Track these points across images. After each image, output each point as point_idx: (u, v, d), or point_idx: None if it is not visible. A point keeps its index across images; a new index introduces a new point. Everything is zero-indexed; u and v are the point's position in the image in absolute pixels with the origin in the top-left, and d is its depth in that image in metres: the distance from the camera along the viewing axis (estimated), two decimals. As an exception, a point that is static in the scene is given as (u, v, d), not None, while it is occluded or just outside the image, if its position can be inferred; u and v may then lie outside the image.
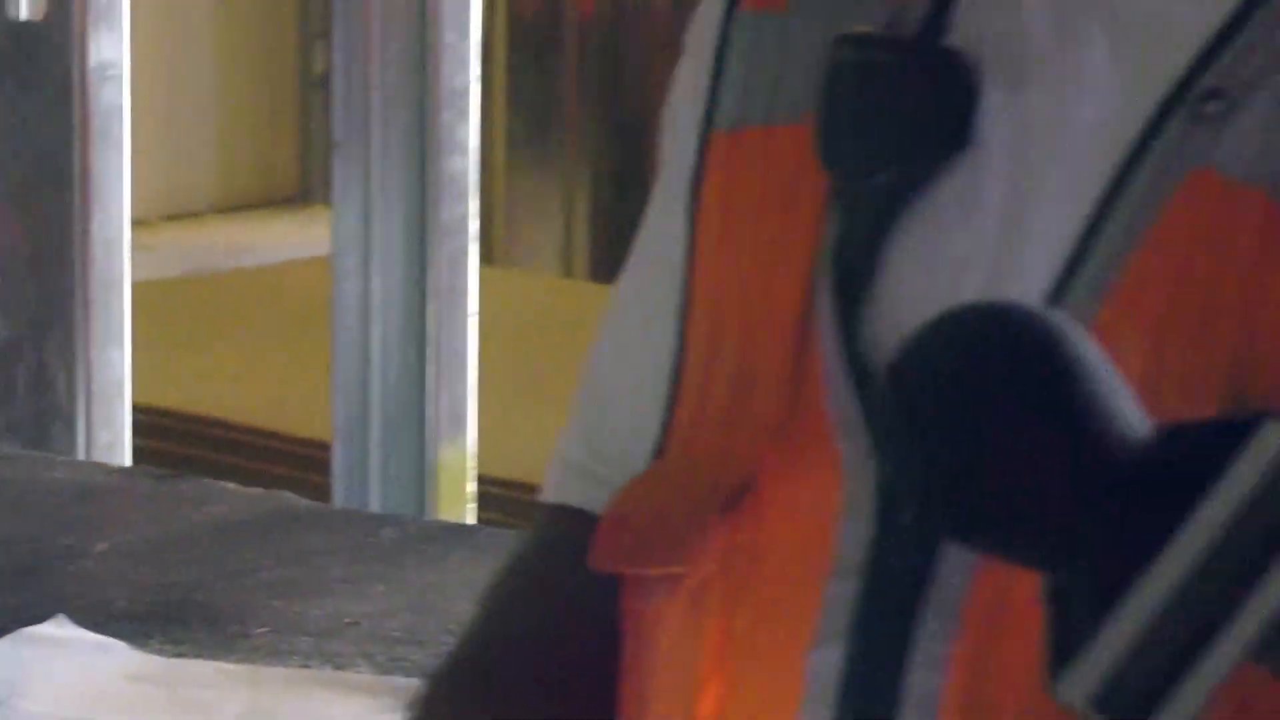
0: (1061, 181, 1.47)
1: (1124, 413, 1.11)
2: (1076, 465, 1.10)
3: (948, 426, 1.13)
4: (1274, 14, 1.44)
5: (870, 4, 1.53)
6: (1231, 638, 1.08)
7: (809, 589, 1.47)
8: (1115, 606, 1.08)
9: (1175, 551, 1.08)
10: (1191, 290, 1.41)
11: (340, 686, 2.02)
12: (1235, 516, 1.08)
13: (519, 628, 1.65)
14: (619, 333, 1.67)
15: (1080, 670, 1.08)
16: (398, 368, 3.14)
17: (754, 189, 1.55)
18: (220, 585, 2.21)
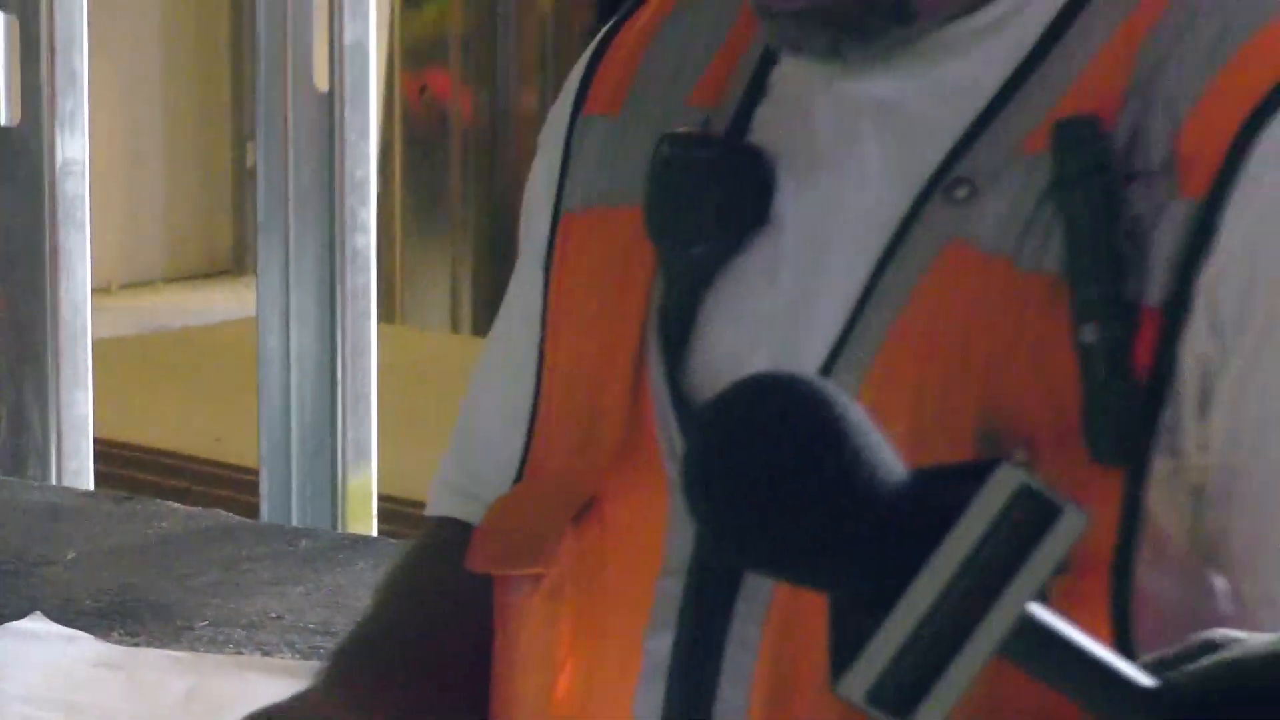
0: (844, 253, 1.46)
1: (884, 462, 1.10)
2: (842, 508, 1.09)
3: (736, 482, 1.11)
4: (1008, 118, 1.45)
5: (686, 109, 1.54)
6: (978, 642, 1.08)
7: (644, 585, 1.47)
8: (881, 619, 1.08)
9: (930, 572, 1.07)
10: (949, 340, 1.41)
11: (267, 670, 2.01)
12: (978, 542, 1.08)
13: (407, 614, 1.64)
14: (488, 379, 1.67)
15: (856, 671, 1.07)
16: (313, 408, 3.12)
17: (596, 260, 1.54)
18: (168, 587, 2.20)
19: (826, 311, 1.45)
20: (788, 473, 1.10)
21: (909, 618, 1.07)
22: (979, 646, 1.08)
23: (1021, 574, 1.08)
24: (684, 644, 1.45)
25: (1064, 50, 1.45)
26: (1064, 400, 1.39)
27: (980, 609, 1.08)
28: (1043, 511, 1.08)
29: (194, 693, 1.92)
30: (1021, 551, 1.08)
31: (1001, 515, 1.08)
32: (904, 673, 1.08)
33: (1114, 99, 1.41)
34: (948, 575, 1.07)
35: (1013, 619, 1.07)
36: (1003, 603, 1.08)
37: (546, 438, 1.54)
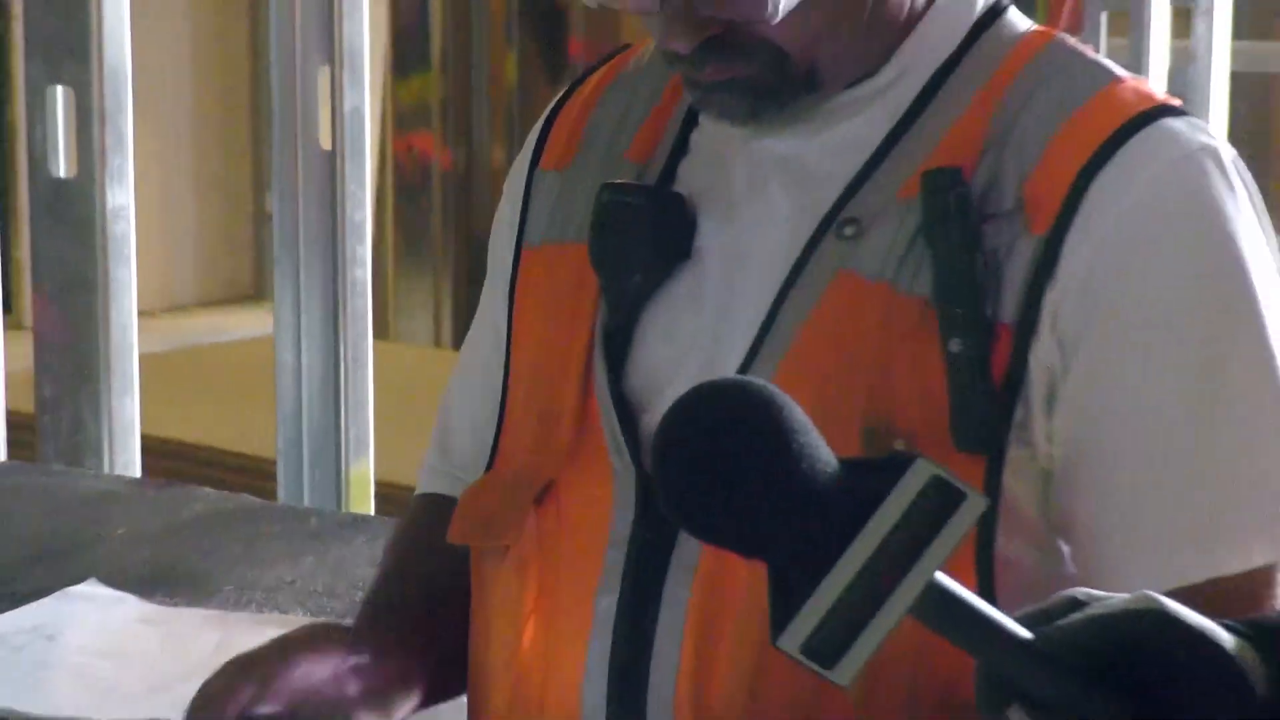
0: (754, 282, 1.46)
1: (820, 455, 1.10)
2: (786, 492, 1.09)
3: (698, 470, 1.11)
4: (888, 169, 1.45)
5: (623, 163, 1.53)
6: (894, 605, 1.08)
7: (593, 555, 1.46)
8: (815, 585, 1.08)
9: (856, 546, 1.07)
10: (837, 360, 1.41)
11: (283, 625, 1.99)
12: (897, 522, 1.08)
13: (412, 566, 1.63)
14: (461, 384, 1.67)
15: (792, 628, 1.07)
16: (320, 409, 3.10)
17: (550, 287, 1.54)
18: (200, 558, 2.18)
19: (740, 330, 1.45)
20: (742, 462, 1.10)
21: (838, 584, 1.07)
22: (894, 608, 1.08)
23: (932, 548, 1.08)
24: (626, 603, 1.45)
25: (933, 113, 1.45)
26: (935, 401, 1.38)
27: (896, 577, 1.07)
28: (950, 497, 1.08)
29: (222, 644, 1.91)
30: (932, 529, 1.08)
31: (917, 500, 1.08)
32: (832, 630, 1.07)
33: (973, 153, 1.42)
34: (871, 549, 1.07)
35: (923, 585, 1.07)
36: (915, 572, 1.07)
37: (512, 435, 1.53)
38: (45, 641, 1.86)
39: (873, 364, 1.40)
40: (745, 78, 1.43)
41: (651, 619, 1.44)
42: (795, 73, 1.43)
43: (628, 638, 1.44)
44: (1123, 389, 1.39)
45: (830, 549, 1.07)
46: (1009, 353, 1.38)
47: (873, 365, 1.40)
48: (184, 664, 1.85)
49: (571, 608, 1.47)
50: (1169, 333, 1.39)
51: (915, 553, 1.08)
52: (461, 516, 1.55)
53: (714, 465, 1.11)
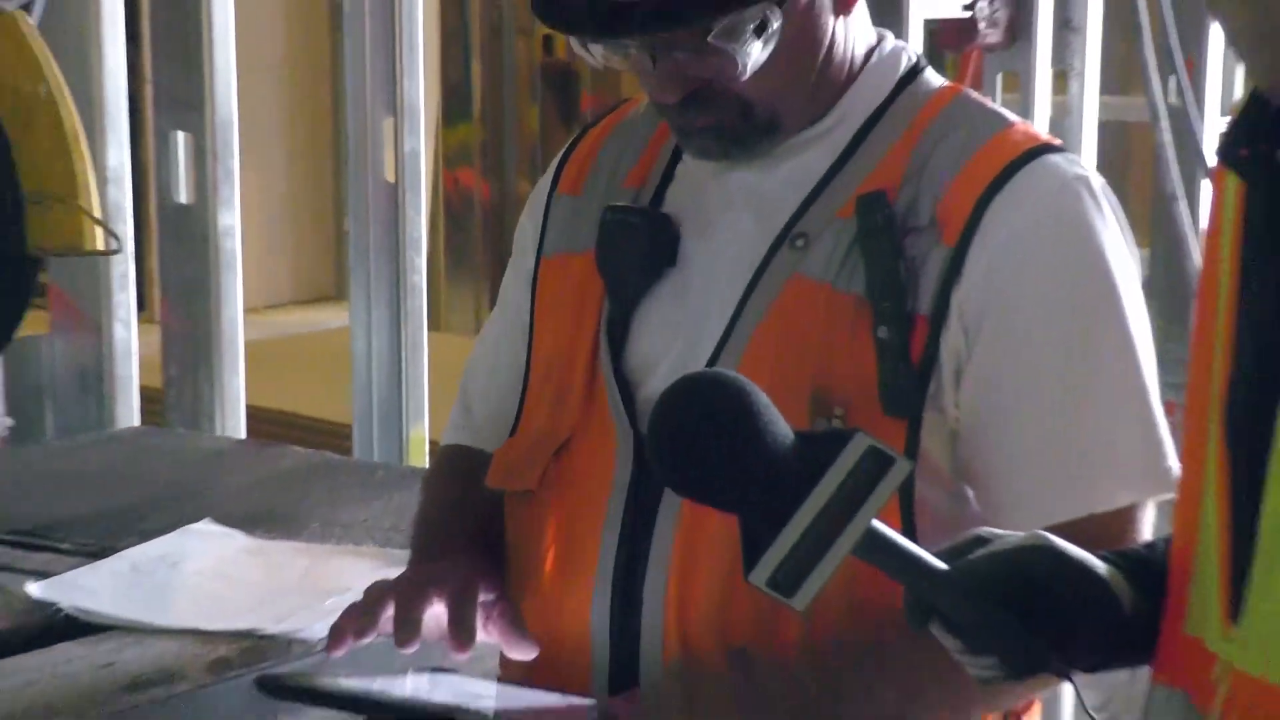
0: (725, 284, 1.45)
1: (780, 430, 1.10)
2: (754, 459, 1.09)
3: (673, 441, 1.12)
4: (830, 194, 1.44)
5: (622, 190, 1.52)
6: (839, 546, 1.08)
7: (599, 500, 1.45)
8: (778, 533, 1.08)
9: (810, 502, 1.08)
10: (791, 343, 1.40)
11: (356, 555, 1.99)
12: (841, 483, 1.08)
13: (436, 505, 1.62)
14: (480, 361, 1.65)
15: (760, 566, 1.08)
16: (386, 385, 3.09)
17: (564, 288, 1.53)
18: (292, 502, 2.18)
19: (715, 321, 1.44)
20: (719, 441, 1.10)
21: (795, 532, 1.08)
22: (840, 550, 1.08)
23: (868, 502, 1.09)
24: (625, 539, 1.44)
25: (865, 150, 1.45)
26: (867, 376, 1.38)
27: (841, 525, 1.08)
28: (882, 462, 1.09)
29: (309, 570, 1.91)
30: (868, 487, 1.08)
31: (857, 464, 1.08)
32: (790, 568, 1.08)
33: (896, 181, 1.41)
34: (821, 504, 1.08)
35: (863, 531, 1.08)
36: (856, 521, 1.08)
37: (533, 404, 1.53)
38: (169, 568, 1.85)
39: (818, 347, 1.39)
40: (719, 124, 1.43)
41: (645, 551, 1.43)
42: (759, 120, 1.43)
43: (626, 566, 1.44)
44: (1014, 366, 1.39)
45: (788, 505, 1.08)
46: (925, 339, 1.38)
47: (818, 348, 1.39)
48: (278, 585, 1.84)
49: (582, 541, 1.46)
50: (1050, 322, 1.39)
51: (855, 506, 1.08)
52: (496, 467, 1.53)
53: (697, 446, 1.11)
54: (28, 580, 1.78)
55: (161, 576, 1.82)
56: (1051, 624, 1.10)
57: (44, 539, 1.98)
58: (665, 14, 1.33)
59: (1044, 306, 1.38)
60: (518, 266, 1.59)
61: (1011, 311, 1.38)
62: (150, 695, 1.57)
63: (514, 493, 1.51)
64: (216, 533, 1.96)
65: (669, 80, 1.39)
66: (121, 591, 1.76)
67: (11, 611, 1.73)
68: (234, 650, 1.64)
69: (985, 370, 1.38)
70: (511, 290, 1.60)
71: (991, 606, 1.09)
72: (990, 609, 1.09)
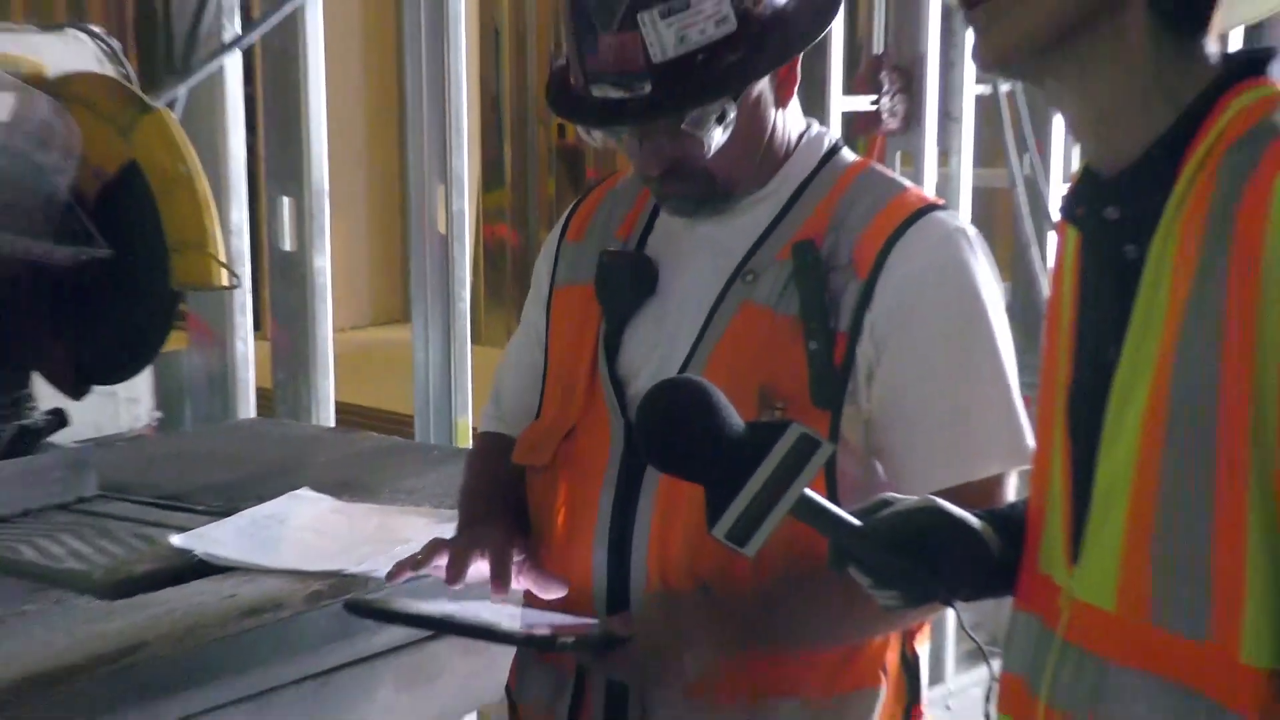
0: (693, 309, 1.44)
1: (734, 421, 1.10)
2: (714, 442, 1.09)
3: (657, 443, 1.13)
4: (771, 242, 1.42)
5: (614, 238, 1.51)
6: (779, 509, 1.08)
7: (598, 472, 1.44)
8: (733, 497, 1.07)
9: (758, 474, 1.07)
10: (743, 353, 1.39)
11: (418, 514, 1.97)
12: (781, 460, 1.08)
13: (481, 475, 1.60)
14: (508, 367, 1.63)
15: (720, 522, 1.08)
16: (439, 386, 3.08)
17: (571, 311, 1.51)
18: (368, 474, 2.15)
19: (685, 337, 1.43)
20: (688, 427, 1.10)
21: (746, 498, 1.07)
22: (780, 510, 1.08)
23: (801, 475, 1.08)
24: (618, 501, 1.43)
25: (798, 209, 1.44)
26: (801, 378, 1.37)
27: (781, 492, 1.07)
28: (812, 445, 1.08)
29: (381, 525, 1.89)
30: (801, 464, 1.08)
31: (793, 446, 1.08)
32: (742, 525, 1.07)
33: (822, 232, 1.41)
34: (765, 476, 1.07)
35: (797, 497, 1.08)
36: (792, 489, 1.08)
37: (548, 399, 1.51)
38: (278, 524, 1.85)
39: (764, 356, 1.38)
40: (690, 191, 1.43)
41: (633, 511, 1.42)
42: (719, 187, 1.42)
43: (620, 523, 1.42)
44: (911, 369, 1.38)
45: (741, 477, 1.08)
46: (844, 350, 1.37)
47: (764, 357, 1.38)
48: (358, 536, 1.83)
49: (585, 503, 1.45)
50: (938, 336, 1.38)
51: (791, 478, 1.07)
52: (519, 447, 1.52)
53: (672, 434, 1.11)
54: (171, 533, 1.77)
55: (271, 530, 1.82)
56: (938, 565, 1.09)
57: (183, 502, 1.97)
58: (649, 109, 1.33)
59: (933, 325, 1.38)
60: (536, 295, 1.58)
61: (909, 329, 1.37)
62: (262, 619, 1.57)
63: (533, 467, 1.50)
64: (312, 497, 1.96)
65: (652, 158, 1.39)
66: (241, 541, 1.76)
67: (160, 556, 1.73)
68: (325, 585, 1.64)
69: (889, 373, 1.38)
70: (531, 313, 1.59)
71: (894, 552, 1.09)
72: (893, 554, 1.09)
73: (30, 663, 1.39)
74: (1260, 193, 0.90)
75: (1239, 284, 0.90)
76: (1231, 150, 0.94)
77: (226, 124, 2.77)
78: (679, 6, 1.28)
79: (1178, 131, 0.97)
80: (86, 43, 2.35)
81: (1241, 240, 0.90)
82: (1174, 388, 0.94)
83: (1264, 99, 0.96)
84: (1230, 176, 0.93)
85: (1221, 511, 0.91)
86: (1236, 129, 0.95)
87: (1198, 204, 0.94)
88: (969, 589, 1.12)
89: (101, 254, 1.87)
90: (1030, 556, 1.09)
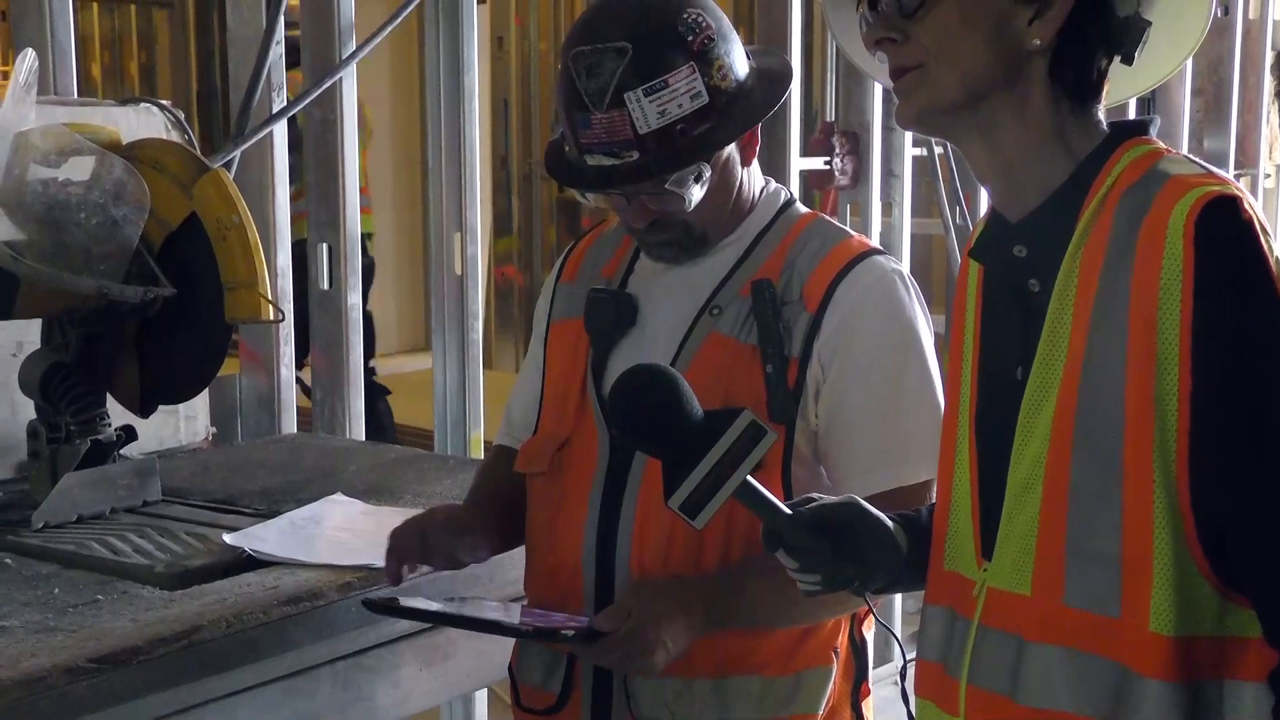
0: (666, 339, 1.44)
1: (695, 408, 1.09)
2: (676, 424, 1.08)
3: (626, 411, 1.12)
4: (734, 281, 1.43)
5: (600, 277, 1.51)
6: (726, 489, 1.07)
7: (588, 476, 1.44)
8: (688, 474, 1.07)
9: (710, 455, 1.07)
10: (710, 375, 1.39)
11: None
12: (730, 444, 1.07)
13: (489, 482, 1.60)
14: (518, 390, 1.63)
15: (675, 495, 1.07)
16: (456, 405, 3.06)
17: (565, 341, 1.51)
18: (394, 480, 2.12)
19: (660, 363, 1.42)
20: (654, 408, 1.09)
21: (699, 475, 1.07)
22: (727, 490, 1.07)
23: (748, 459, 1.07)
24: (605, 505, 1.42)
25: (757, 253, 1.45)
26: (759, 397, 1.38)
27: (729, 472, 1.07)
28: (759, 432, 1.08)
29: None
30: (749, 448, 1.07)
31: (743, 432, 1.07)
32: (695, 499, 1.07)
33: (777, 273, 1.42)
34: (717, 457, 1.07)
35: (742, 479, 1.07)
36: (739, 472, 1.07)
37: (546, 416, 1.51)
38: (315, 524, 1.84)
39: (727, 378, 1.39)
40: (669, 240, 1.43)
41: (617, 513, 1.41)
42: (695, 237, 1.43)
43: (606, 518, 1.42)
44: (851, 388, 1.39)
45: (695, 456, 1.07)
46: (796, 373, 1.38)
47: (727, 378, 1.39)
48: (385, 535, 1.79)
49: (578, 503, 1.44)
50: (874, 361, 1.39)
51: (739, 460, 1.06)
52: (520, 457, 1.52)
53: (640, 410, 1.10)
54: (223, 532, 1.76)
55: (309, 530, 1.81)
56: (853, 551, 1.09)
57: (233, 505, 1.96)
58: (639, 173, 1.34)
59: (871, 352, 1.38)
60: (537, 331, 1.59)
61: (851, 355, 1.38)
62: (301, 607, 1.56)
63: (532, 474, 1.50)
64: (345, 501, 1.95)
65: (638, 213, 1.40)
66: (283, 539, 1.75)
67: (213, 552, 1.72)
68: (356, 578, 1.63)
69: (832, 391, 1.38)
70: (534, 347, 1.59)
71: (816, 536, 1.08)
72: (816, 541, 1.08)
73: (101, 644, 1.39)
74: (1156, 228, 0.92)
75: (1139, 305, 0.91)
76: (1126, 194, 0.95)
77: (274, 181, 2.77)
78: (659, 86, 1.30)
79: (1076, 180, 0.98)
80: (156, 114, 2.36)
81: (1141, 268, 0.92)
82: (1082, 396, 0.94)
83: (1150, 153, 0.98)
84: (1126, 217, 0.94)
85: (1130, 499, 0.91)
86: (1129, 177, 0.96)
87: (1097, 241, 0.95)
88: (881, 579, 1.11)
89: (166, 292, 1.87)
90: (937, 556, 1.08)
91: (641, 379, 1.11)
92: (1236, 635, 0.92)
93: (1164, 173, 0.95)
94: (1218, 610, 0.91)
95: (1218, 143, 3.97)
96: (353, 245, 2.90)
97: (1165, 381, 0.90)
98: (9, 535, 1.78)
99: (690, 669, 1.36)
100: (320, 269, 2.90)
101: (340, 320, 2.85)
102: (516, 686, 1.52)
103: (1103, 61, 1.00)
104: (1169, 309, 0.90)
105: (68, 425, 1.88)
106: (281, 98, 2.74)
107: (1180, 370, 0.89)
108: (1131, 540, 0.91)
